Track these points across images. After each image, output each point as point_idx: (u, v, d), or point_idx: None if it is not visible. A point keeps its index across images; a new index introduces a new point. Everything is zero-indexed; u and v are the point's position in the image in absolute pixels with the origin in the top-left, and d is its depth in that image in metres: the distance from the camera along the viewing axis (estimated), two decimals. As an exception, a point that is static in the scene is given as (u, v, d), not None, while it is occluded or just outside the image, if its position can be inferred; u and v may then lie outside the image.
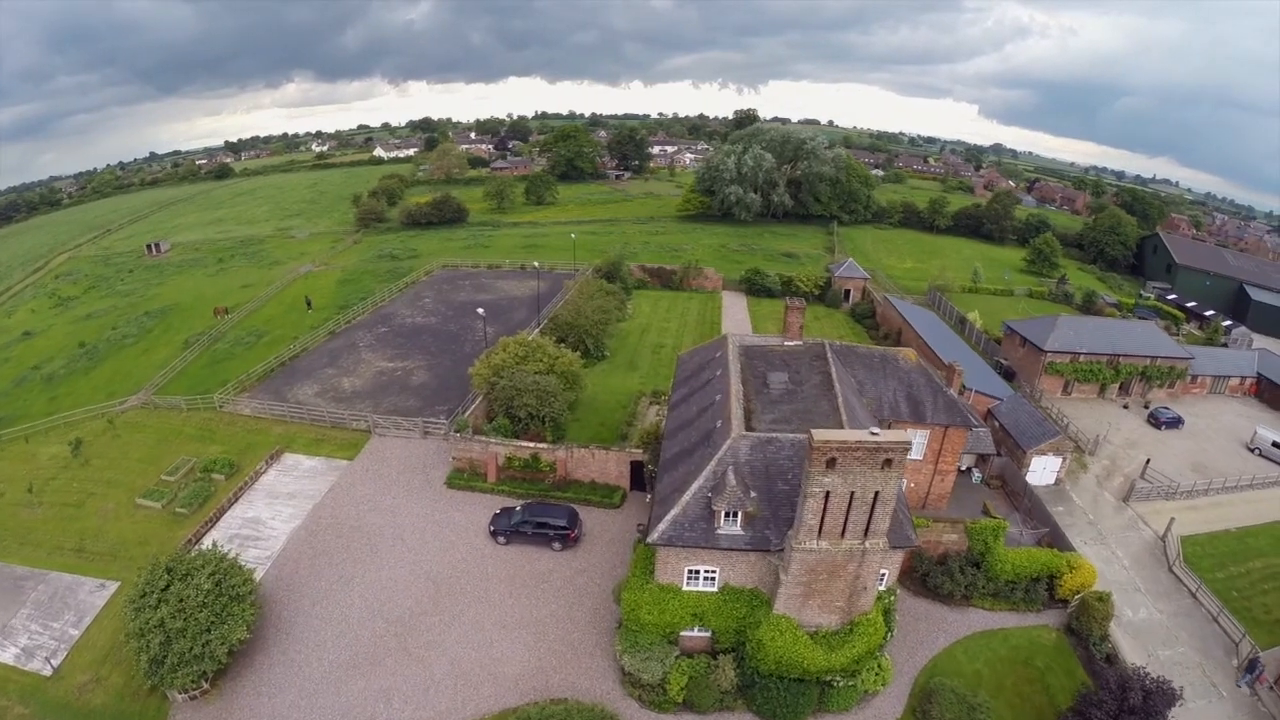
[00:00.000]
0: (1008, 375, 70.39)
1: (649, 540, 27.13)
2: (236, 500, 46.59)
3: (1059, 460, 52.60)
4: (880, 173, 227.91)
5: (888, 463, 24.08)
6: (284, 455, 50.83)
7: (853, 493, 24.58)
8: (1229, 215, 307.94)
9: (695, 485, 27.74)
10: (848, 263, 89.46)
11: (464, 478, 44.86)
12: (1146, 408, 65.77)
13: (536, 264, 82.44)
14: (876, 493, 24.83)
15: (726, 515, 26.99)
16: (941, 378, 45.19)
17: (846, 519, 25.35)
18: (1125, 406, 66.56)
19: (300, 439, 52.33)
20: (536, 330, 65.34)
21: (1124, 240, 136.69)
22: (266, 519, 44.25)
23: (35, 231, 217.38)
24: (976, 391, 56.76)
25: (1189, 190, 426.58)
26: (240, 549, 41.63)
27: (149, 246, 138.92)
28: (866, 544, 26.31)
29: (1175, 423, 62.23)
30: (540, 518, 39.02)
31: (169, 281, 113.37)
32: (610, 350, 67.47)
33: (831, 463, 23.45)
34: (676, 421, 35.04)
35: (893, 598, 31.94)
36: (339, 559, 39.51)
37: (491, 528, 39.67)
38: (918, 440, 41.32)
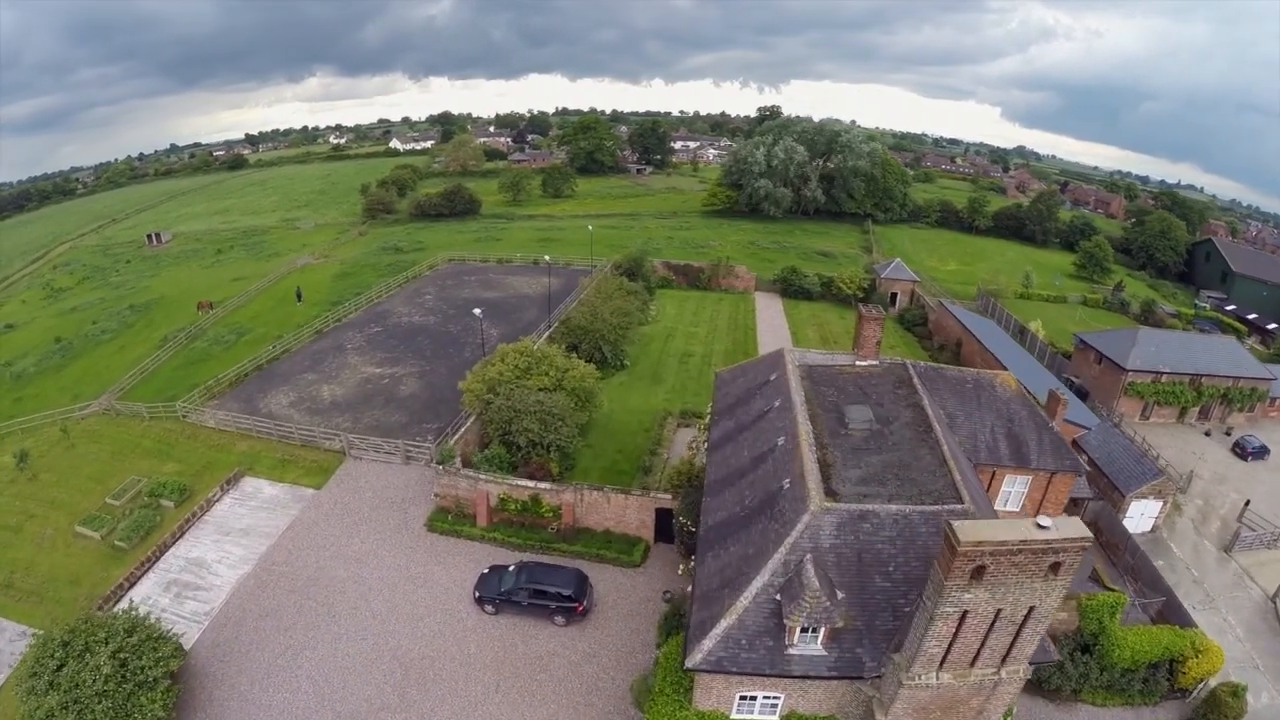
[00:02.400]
0: (1080, 395, 61.58)
1: (688, 665, 18.70)
2: (182, 535, 39.14)
3: (1159, 504, 44.13)
4: (910, 171, 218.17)
5: (1055, 568, 15.75)
6: (243, 479, 43.18)
7: (999, 610, 16.25)
8: (1261, 223, 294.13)
9: (757, 583, 19.17)
10: (894, 263, 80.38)
11: (448, 520, 36.39)
12: (1228, 434, 57.15)
13: (548, 259, 73.82)
14: (1031, 608, 16.51)
15: (804, 629, 18.64)
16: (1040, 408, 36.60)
17: (983, 643, 17.03)
18: (1207, 433, 57.82)
19: (265, 459, 44.65)
20: (545, 335, 57.22)
21: (1174, 245, 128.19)
22: (212, 562, 36.62)
23: (44, 221, 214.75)
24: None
25: (1214, 196, 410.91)
26: (175, 601, 34.28)
27: (149, 237, 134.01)
28: (1003, 673, 17.99)
29: (1261, 452, 53.52)
30: (539, 583, 30.42)
31: (163, 273, 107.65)
32: (630, 359, 59.06)
33: (979, 571, 15.13)
34: (721, 469, 26.51)
35: (1009, 718, 23.57)
36: (289, 623, 31.60)
37: (477, 593, 31.19)
38: (1016, 489, 32.89)
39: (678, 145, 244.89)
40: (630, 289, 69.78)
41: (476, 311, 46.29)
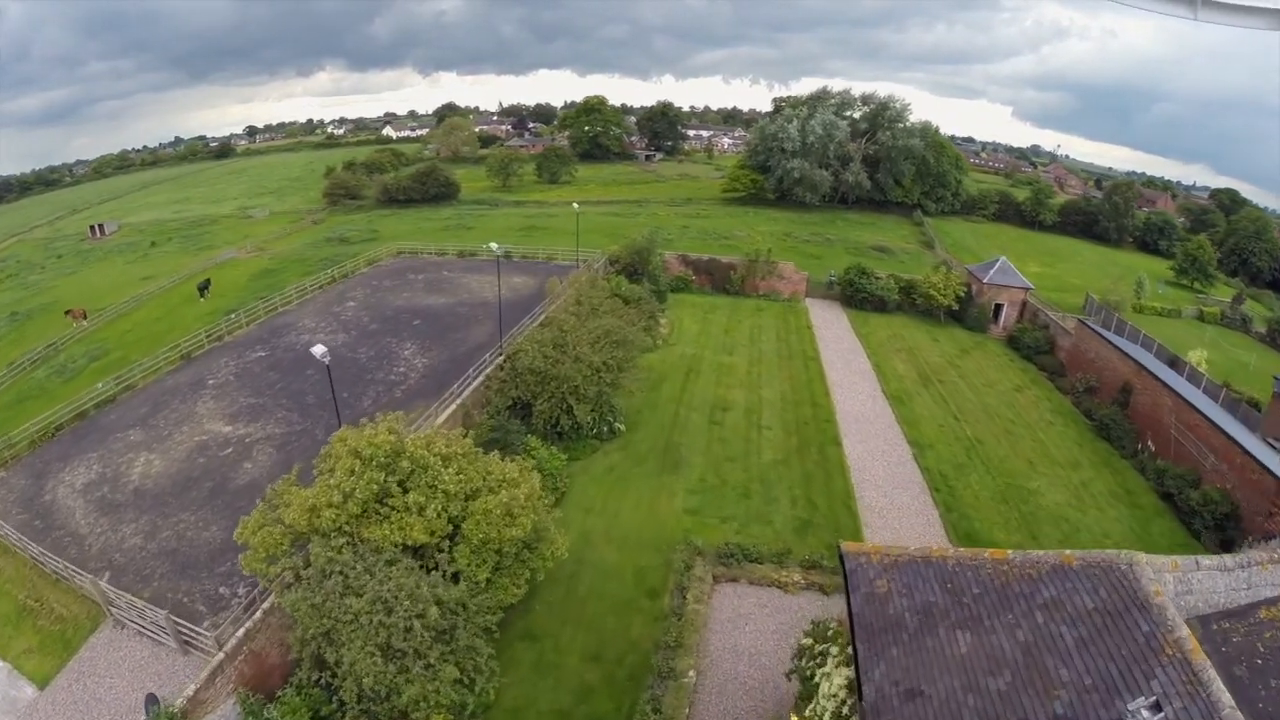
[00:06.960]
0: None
1: None
2: None
3: None
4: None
5: None
6: (-57, 642, 24.20)
7: None
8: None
9: None
10: (999, 264, 58.84)
11: None
12: None
13: (494, 246, 46.97)
14: None
15: None
16: None
17: None
18: None
19: (4, 597, 25.64)
20: (477, 382, 36.59)
21: (1271, 249, 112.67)
22: None
23: (13, 213, 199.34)
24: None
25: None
26: None
27: (92, 228, 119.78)
28: None
29: None
30: None
31: (84, 271, 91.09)
32: (626, 417, 37.54)
33: None
34: None
35: None
36: None
37: None
38: None
39: (691, 134, 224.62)
40: (631, 295, 49.87)
41: (318, 353, 25.12)
